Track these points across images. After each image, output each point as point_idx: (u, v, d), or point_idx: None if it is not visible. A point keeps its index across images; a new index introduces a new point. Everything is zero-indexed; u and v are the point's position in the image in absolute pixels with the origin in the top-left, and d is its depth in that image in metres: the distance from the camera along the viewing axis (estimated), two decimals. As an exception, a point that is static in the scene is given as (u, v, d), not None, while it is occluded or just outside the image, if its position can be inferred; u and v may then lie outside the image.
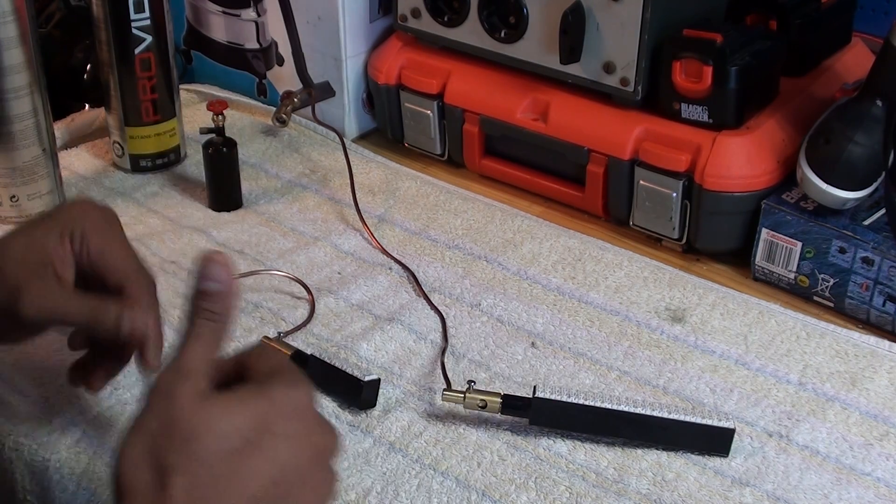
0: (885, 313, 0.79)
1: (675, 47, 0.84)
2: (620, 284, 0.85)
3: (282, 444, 0.49)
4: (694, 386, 0.74)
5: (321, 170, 1.01)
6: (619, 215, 0.92)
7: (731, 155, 0.84)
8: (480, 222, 0.93)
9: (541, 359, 0.77)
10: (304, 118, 1.07)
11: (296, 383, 0.51)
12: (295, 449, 0.50)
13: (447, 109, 0.99)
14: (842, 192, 0.80)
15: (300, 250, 0.89)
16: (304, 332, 0.79)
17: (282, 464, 0.49)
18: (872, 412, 0.72)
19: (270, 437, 0.49)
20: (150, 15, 0.94)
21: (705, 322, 0.80)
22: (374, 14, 1.04)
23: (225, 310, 0.52)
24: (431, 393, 0.73)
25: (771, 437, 0.70)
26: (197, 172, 1.00)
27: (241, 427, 0.48)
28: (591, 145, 0.90)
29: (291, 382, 0.51)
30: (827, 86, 0.93)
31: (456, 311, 0.81)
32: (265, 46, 1.10)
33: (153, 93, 0.97)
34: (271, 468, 0.48)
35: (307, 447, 0.50)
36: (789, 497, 0.65)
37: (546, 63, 0.92)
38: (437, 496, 0.65)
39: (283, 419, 0.49)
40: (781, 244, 0.83)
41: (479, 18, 0.94)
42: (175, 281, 0.84)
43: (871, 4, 1.06)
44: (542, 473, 0.66)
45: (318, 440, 0.51)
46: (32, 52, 0.87)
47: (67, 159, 1.01)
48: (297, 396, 0.51)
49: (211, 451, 0.47)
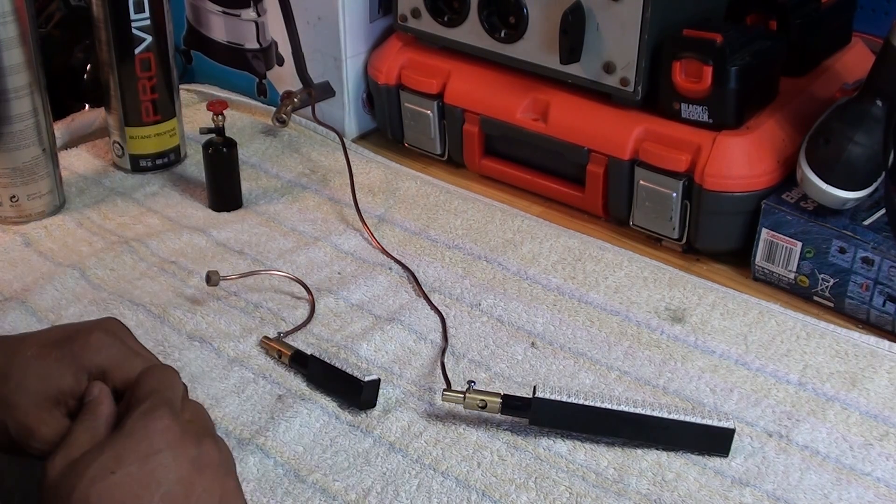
0: (885, 313, 0.79)
1: (675, 47, 0.84)
2: (620, 284, 0.85)
3: (150, 468, 0.53)
4: (694, 386, 0.74)
5: (321, 170, 1.01)
6: (619, 215, 0.92)
7: (731, 155, 0.84)
8: (480, 222, 0.93)
9: (541, 359, 0.77)
10: (304, 118, 1.07)
11: (151, 410, 0.56)
12: (166, 468, 0.54)
13: (447, 109, 0.99)
14: (842, 192, 0.80)
15: (300, 250, 0.89)
16: (304, 332, 0.79)
17: (159, 483, 0.53)
18: (872, 412, 0.72)
19: (136, 467, 0.53)
20: (150, 15, 0.94)
21: (705, 322, 0.80)
22: (374, 14, 1.04)
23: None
24: (431, 393, 0.73)
25: (771, 437, 0.70)
26: (197, 172, 1.00)
27: (103, 466, 0.53)
28: (591, 145, 0.90)
29: (146, 411, 0.56)
30: (827, 86, 0.93)
31: (456, 311, 0.81)
32: (265, 46, 1.10)
33: (153, 93, 0.97)
34: (149, 491, 0.52)
35: (181, 461, 0.54)
36: (789, 497, 0.65)
37: (546, 63, 0.92)
38: (437, 496, 0.65)
39: (143, 446, 0.54)
40: (781, 244, 0.83)
41: (479, 18, 0.94)
42: (175, 281, 0.84)
43: (871, 4, 1.06)
44: (542, 473, 0.66)
45: (189, 452, 0.55)
46: (32, 52, 0.87)
47: (67, 159, 1.01)
48: (152, 421, 0.55)
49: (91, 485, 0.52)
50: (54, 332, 0.63)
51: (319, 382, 0.73)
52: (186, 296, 0.83)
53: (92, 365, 0.60)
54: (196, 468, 0.55)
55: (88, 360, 0.60)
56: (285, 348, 0.75)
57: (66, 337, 0.62)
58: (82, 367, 0.60)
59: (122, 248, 0.88)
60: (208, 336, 0.78)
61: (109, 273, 0.85)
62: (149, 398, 0.57)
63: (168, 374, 0.60)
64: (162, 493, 0.53)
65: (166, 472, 0.54)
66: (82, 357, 0.60)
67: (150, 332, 0.78)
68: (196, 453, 0.55)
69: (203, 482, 0.55)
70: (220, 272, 0.82)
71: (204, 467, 0.55)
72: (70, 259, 0.87)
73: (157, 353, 0.76)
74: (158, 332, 0.78)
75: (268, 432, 0.69)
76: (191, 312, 0.80)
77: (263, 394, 0.73)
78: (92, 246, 0.89)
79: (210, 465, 0.56)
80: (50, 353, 0.61)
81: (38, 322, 0.79)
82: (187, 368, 0.75)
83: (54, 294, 0.82)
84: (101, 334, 0.62)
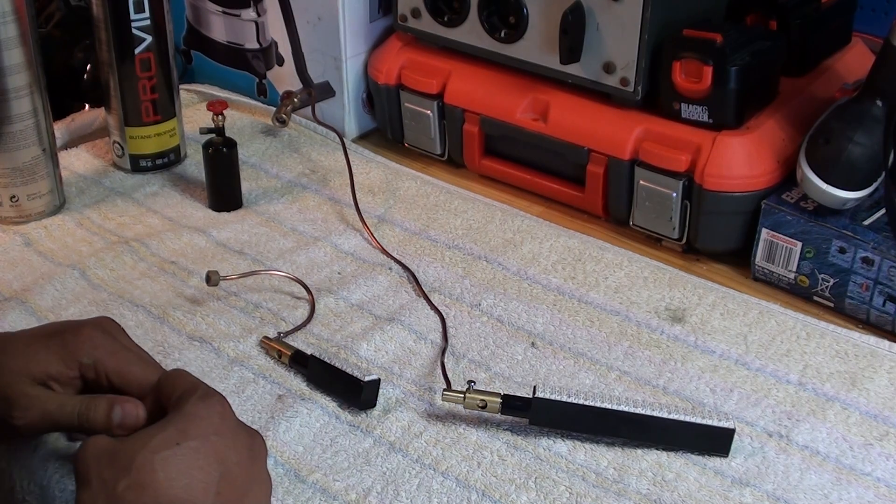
0: (885, 313, 0.79)
1: (675, 47, 0.84)
2: (620, 284, 0.85)
3: (213, 446, 0.54)
4: (694, 386, 0.74)
5: (321, 170, 1.01)
6: (619, 215, 0.92)
7: (731, 155, 0.84)
8: (480, 222, 0.93)
9: (541, 359, 0.77)
10: (304, 118, 1.07)
11: (207, 396, 0.56)
12: (228, 449, 0.54)
13: (447, 109, 0.99)
14: (842, 192, 0.80)
15: (300, 250, 0.89)
16: (304, 332, 0.79)
17: (221, 461, 0.53)
18: (872, 412, 0.72)
19: (200, 442, 0.53)
20: (150, 15, 0.94)
21: (705, 322, 0.80)
22: (374, 14, 1.04)
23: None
24: (431, 393, 0.73)
25: (771, 437, 0.70)
26: (197, 172, 1.00)
27: (167, 439, 0.53)
28: (591, 145, 0.90)
29: (203, 395, 0.56)
30: (827, 86, 0.93)
31: (456, 311, 0.81)
32: (265, 46, 1.10)
33: (153, 93, 0.97)
34: (211, 468, 0.53)
35: (239, 446, 0.55)
36: (789, 497, 0.65)
37: (546, 63, 0.92)
38: (437, 496, 0.65)
39: (204, 425, 0.54)
40: (781, 244, 0.83)
41: (479, 18, 0.94)
42: (175, 281, 0.84)
43: (871, 4, 1.06)
44: (542, 473, 0.66)
45: (245, 440, 0.56)
46: (32, 52, 0.87)
47: (67, 159, 1.01)
48: (211, 405, 0.56)
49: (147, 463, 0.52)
50: (48, 326, 0.63)
51: (319, 382, 0.73)
52: (186, 296, 0.83)
53: (82, 355, 0.60)
54: (252, 457, 0.56)
55: (79, 351, 0.61)
56: (285, 348, 0.75)
57: (59, 329, 0.62)
58: (71, 356, 0.60)
59: (122, 248, 0.88)
60: (208, 336, 0.78)
61: (109, 273, 0.85)
62: (199, 388, 0.57)
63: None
64: (223, 472, 0.53)
65: (227, 453, 0.54)
66: (73, 347, 0.61)
67: (149, 333, 0.78)
68: (251, 443, 0.57)
69: (257, 472, 0.56)
70: (220, 272, 0.82)
71: (257, 458, 0.57)
72: (70, 259, 0.87)
73: (156, 354, 0.76)
74: (158, 332, 0.78)
75: (268, 432, 0.69)
76: (191, 313, 0.80)
77: (263, 394, 0.73)
78: (92, 246, 0.89)
79: (262, 457, 0.57)
80: (40, 342, 0.61)
81: (37, 322, 0.79)
82: (187, 368, 0.74)
83: (54, 294, 0.82)
84: (93, 329, 0.62)
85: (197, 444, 0.53)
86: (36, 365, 0.60)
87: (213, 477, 0.53)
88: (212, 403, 0.56)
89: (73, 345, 0.61)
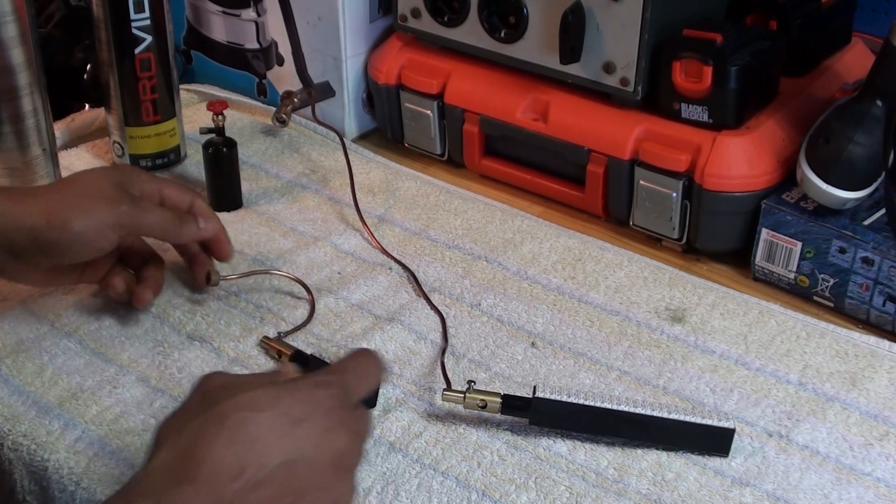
0: (885, 313, 0.79)
1: (675, 47, 0.84)
2: (620, 284, 0.85)
3: (300, 429, 0.53)
4: (694, 386, 0.74)
5: (321, 170, 1.01)
6: (619, 215, 0.92)
7: (731, 155, 0.84)
8: (480, 222, 0.93)
9: (541, 359, 0.77)
10: (304, 118, 1.07)
11: (328, 385, 0.56)
12: (311, 437, 0.53)
13: (447, 109, 0.99)
14: (842, 192, 0.80)
15: (300, 250, 0.89)
16: (304, 332, 0.79)
17: (298, 446, 0.52)
18: (872, 412, 0.72)
19: (291, 421, 0.53)
20: (150, 15, 0.94)
21: (705, 322, 0.80)
22: (374, 14, 1.04)
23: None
24: (431, 393, 0.73)
25: (771, 437, 0.70)
26: (197, 172, 0.99)
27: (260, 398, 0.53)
28: (591, 145, 0.90)
29: (323, 382, 0.56)
30: (827, 86, 0.93)
31: (456, 311, 0.81)
32: (265, 46, 1.10)
33: (153, 93, 0.97)
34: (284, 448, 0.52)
35: (325, 448, 0.53)
36: (789, 497, 0.65)
37: (546, 63, 0.92)
38: (437, 496, 0.65)
39: (302, 407, 0.54)
40: (781, 244, 0.83)
41: (479, 18, 0.94)
42: (175, 280, 0.84)
43: (871, 4, 1.06)
44: (542, 473, 0.66)
45: (337, 443, 0.54)
46: (32, 52, 0.87)
47: (67, 159, 1.01)
48: (324, 397, 0.55)
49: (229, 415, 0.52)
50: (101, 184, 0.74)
51: (319, 382, 0.73)
52: (186, 295, 0.83)
53: (125, 182, 0.75)
54: (334, 464, 0.54)
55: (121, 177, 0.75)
56: (285, 348, 0.75)
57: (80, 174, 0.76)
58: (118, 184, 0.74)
59: (122, 248, 0.88)
60: (208, 336, 0.78)
61: (109, 273, 0.85)
62: (336, 374, 0.58)
63: (371, 367, 0.61)
64: (286, 458, 0.52)
65: (305, 443, 0.53)
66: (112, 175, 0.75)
67: (149, 332, 0.78)
68: (342, 449, 0.54)
69: (328, 486, 0.53)
70: (220, 272, 0.82)
71: (340, 468, 0.54)
72: (70, 259, 0.87)
73: (156, 354, 0.76)
74: (158, 331, 0.78)
75: (268, 432, 0.69)
76: (191, 312, 0.80)
77: (263, 394, 0.73)
78: (92, 246, 0.89)
79: (348, 469, 0.55)
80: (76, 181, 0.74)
81: (37, 321, 0.79)
82: (187, 368, 0.75)
83: (54, 293, 0.82)
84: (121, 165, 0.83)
85: (279, 418, 0.52)
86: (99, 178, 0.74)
87: (276, 459, 0.51)
88: (324, 395, 0.55)
89: (113, 172, 0.76)
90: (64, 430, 0.69)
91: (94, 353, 0.76)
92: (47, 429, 0.69)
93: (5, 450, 0.69)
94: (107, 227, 0.71)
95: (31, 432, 0.69)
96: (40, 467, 0.67)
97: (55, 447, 0.68)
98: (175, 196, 0.78)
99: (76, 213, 0.70)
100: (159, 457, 0.52)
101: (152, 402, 0.71)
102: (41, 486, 0.68)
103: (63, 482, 0.66)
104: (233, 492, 0.50)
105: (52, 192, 0.72)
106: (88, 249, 0.72)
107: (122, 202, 0.72)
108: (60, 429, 0.69)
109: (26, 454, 0.68)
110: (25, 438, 0.68)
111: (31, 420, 0.70)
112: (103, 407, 0.71)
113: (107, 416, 0.70)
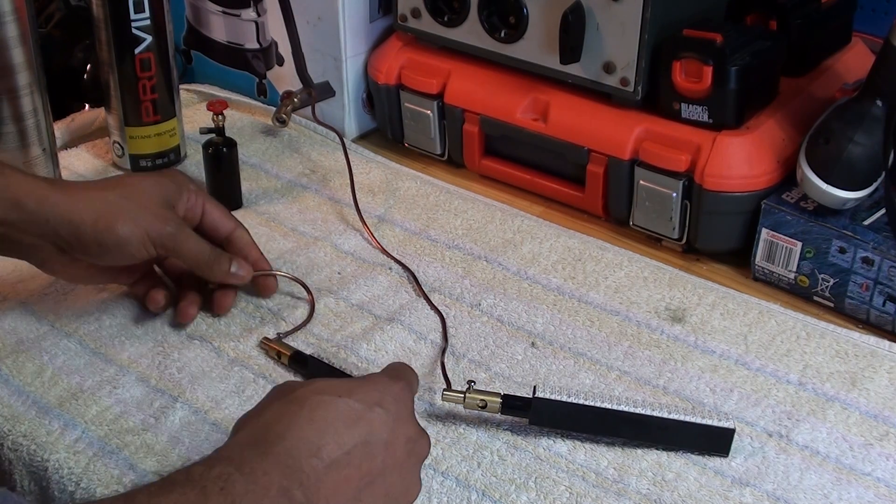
0: (885, 313, 0.79)
1: (675, 47, 0.84)
2: (620, 284, 0.85)
3: (375, 416, 0.55)
4: (694, 386, 0.74)
5: (321, 170, 1.01)
6: (619, 215, 0.92)
7: (731, 155, 0.84)
8: (480, 222, 0.93)
9: (541, 359, 0.77)
10: (304, 118, 1.07)
11: (398, 379, 0.60)
12: (384, 425, 0.55)
13: (447, 109, 0.99)
14: (842, 192, 0.80)
15: (300, 250, 0.89)
16: (304, 332, 0.79)
17: (373, 432, 0.55)
18: (872, 412, 0.72)
19: (367, 406, 0.55)
20: (150, 15, 0.94)
21: (705, 322, 0.80)
22: (374, 14, 1.04)
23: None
24: (431, 393, 0.73)
25: (771, 437, 0.70)
26: (197, 172, 0.99)
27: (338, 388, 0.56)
28: (591, 145, 0.90)
29: (394, 377, 0.60)
30: (827, 86, 0.93)
31: (456, 311, 0.81)
32: (265, 46, 1.10)
33: (153, 93, 0.97)
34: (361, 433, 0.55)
35: (399, 434, 0.56)
36: (789, 497, 0.65)
37: (546, 63, 0.92)
38: (437, 496, 0.65)
39: (377, 396, 0.57)
40: (781, 244, 0.83)
41: (479, 18, 0.94)
42: (175, 281, 0.84)
43: (871, 4, 1.06)
44: (542, 473, 0.66)
45: (409, 431, 0.57)
46: (32, 52, 0.87)
47: (67, 159, 1.01)
48: (397, 390, 0.59)
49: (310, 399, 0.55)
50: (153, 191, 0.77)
51: (319, 382, 0.73)
52: (186, 296, 0.83)
53: (180, 192, 0.77)
54: (406, 449, 0.57)
55: (178, 186, 0.77)
56: (285, 349, 0.75)
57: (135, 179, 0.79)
58: (173, 194, 0.76)
59: (122, 248, 0.88)
60: (208, 336, 0.78)
61: (109, 273, 0.85)
62: (402, 372, 0.62)
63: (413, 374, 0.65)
64: (362, 440, 0.54)
65: (381, 427, 0.55)
66: (167, 184, 0.77)
67: (149, 332, 0.78)
68: (414, 436, 0.58)
69: (404, 465, 0.56)
70: (220, 272, 0.82)
71: (412, 454, 0.57)
72: (70, 259, 0.87)
73: (156, 354, 0.76)
74: (158, 331, 0.78)
75: (268, 432, 0.69)
76: (191, 312, 0.80)
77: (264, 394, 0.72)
78: (92, 246, 0.89)
79: (417, 456, 0.58)
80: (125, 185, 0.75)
81: (37, 321, 0.79)
82: (187, 368, 0.75)
83: (54, 293, 0.82)
84: (176, 174, 0.80)
85: (358, 406, 0.55)
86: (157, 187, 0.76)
87: (353, 439, 0.54)
88: (397, 388, 0.59)
89: (170, 180, 0.77)
90: (64, 431, 0.69)
91: (94, 353, 0.76)
92: (47, 429, 0.69)
93: (5, 450, 0.69)
94: (148, 241, 0.73)
95: (31, 432, 0.69)
96: (40, 467, 0.67)
97: (55, 447, 0.68)
98: (217, 218, 0.79)
99: (123, 220, 0.71)
100: (238, 437, 0.54)
101: (152, 402, 0.71)
102: (41, 487, 0.68)
103: (63, 482, 0.66)
104: (310, 467, 0.52)
105: (104, 191, 0.73)
106: (126, 256, 0.73)
107: (167, 223, 0.73)
108: (60, 429, 0.69)
109: (26, 454, 0.68)
110: (25, 438, 0.68)
111: (31, 420, 0.70)
112: (103, 407, 0.71)
113: (107, 416, 0.70)
